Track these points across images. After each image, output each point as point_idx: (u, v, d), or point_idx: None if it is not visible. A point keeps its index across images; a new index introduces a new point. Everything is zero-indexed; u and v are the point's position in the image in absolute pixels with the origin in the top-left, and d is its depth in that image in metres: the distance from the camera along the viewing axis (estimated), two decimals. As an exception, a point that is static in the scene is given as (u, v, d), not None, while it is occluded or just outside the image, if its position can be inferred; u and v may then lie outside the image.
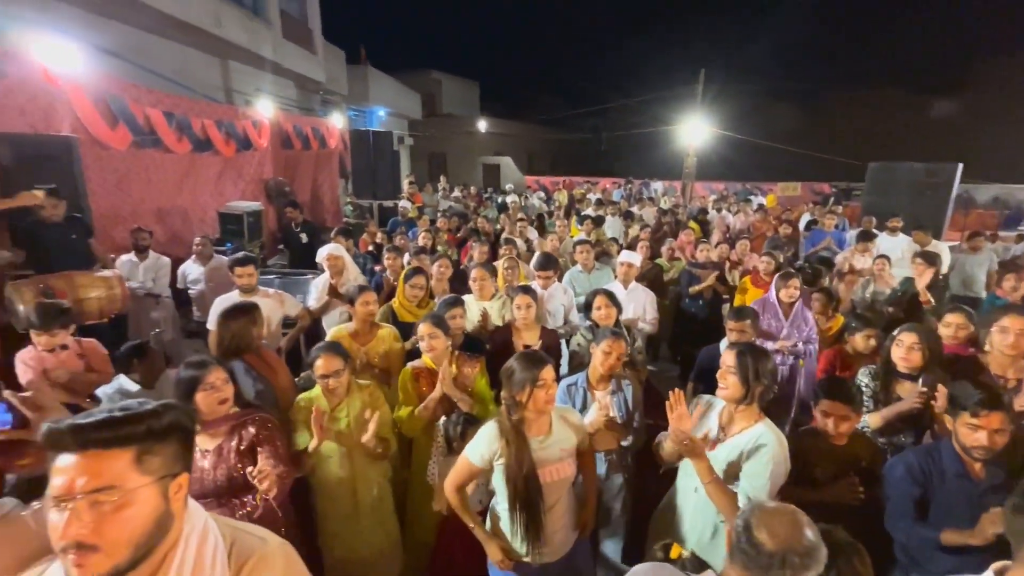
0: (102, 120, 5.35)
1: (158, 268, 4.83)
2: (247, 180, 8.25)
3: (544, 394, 1.86)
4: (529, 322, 3.08)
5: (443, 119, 24.77)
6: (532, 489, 1.87)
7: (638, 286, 3.84)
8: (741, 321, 2.98)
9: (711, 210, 10.29)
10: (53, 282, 3.57)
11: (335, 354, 2.35)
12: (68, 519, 0.86)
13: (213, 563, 0.99)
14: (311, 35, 11.86)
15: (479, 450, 1.95)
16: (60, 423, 0.90)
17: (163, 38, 7.45)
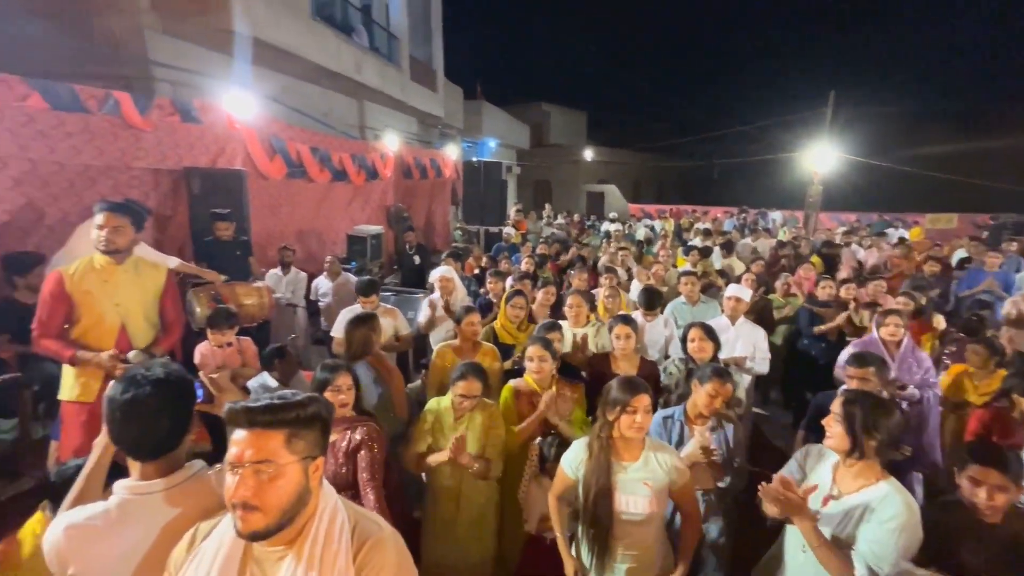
0: (265, 155, 6.33)
1: (297, 282, 5.55)
2: (372, 206, 9.18)
3: (631, 420, 1.87)
4: (628, 352, 3.06)
5: (549, 149, 25.43)
6: (601, 508, 1.88)
7: (747, 322, 3.63)
8: (863, 368, 2.64)
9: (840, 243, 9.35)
10: (221, 290, 4.27)
11: (478, 379, 2.47)
12: (238, 482, 1.07)
13: (340, 538, 1.14)
14: (434, 76, 12.99)
15: (570, 459, 2.04)
16: (237, 404, 1.13)
17: (313, 84, 8.65)
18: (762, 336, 3.54)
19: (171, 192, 5.40)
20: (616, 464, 1.92)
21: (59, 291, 2.55)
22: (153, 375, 1.33)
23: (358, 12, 9.72)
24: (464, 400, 2.46)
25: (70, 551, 1.22)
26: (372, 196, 9.15)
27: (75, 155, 4.45)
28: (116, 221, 2.58)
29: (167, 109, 5.10)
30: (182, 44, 6.25)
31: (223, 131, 5.78)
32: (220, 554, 1.13)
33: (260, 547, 1.13)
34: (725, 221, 14.19)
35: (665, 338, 3.75)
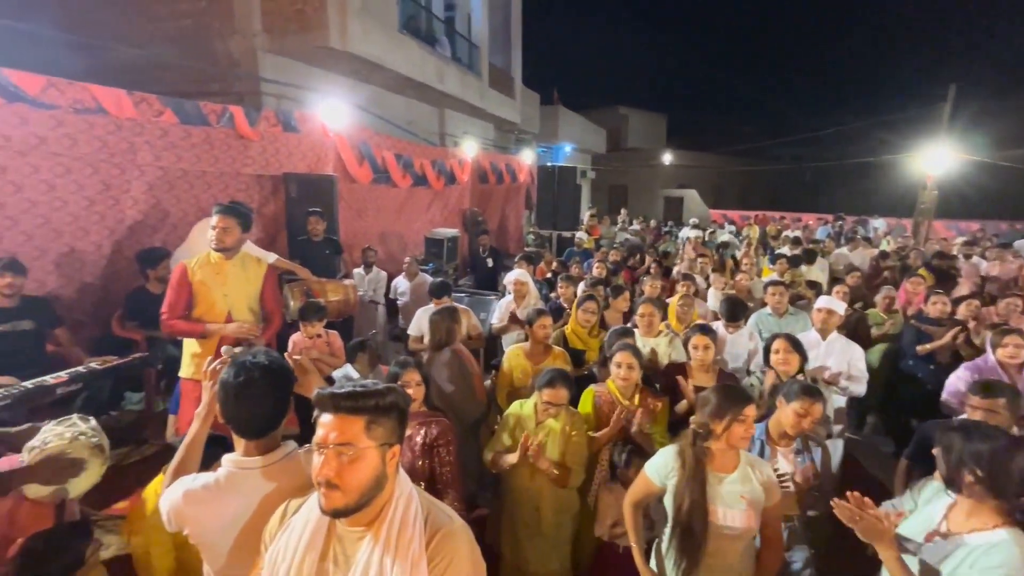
0: (354, 161, 6.77)
1: (378, 281, 5.87)
2: (449, 210, 9.50)
3: (743, 430, 1.82)
4: (706, 363, 2.94)
5: (626, 152, 24.96)
6: (696, 520, 1.82)
7: (840, 337, 3.35)
8: (990, 398, 2.32)
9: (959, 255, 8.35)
10: (312, 285, 4.62)
11: (565, 387, 2.49)
12: (322, 462, 1.15)
13: (414, 524, 1.20)
14: (512, 83, 13.22)
15: (657, 466, 1.99)
16: (325, 390, 1.22)
17: (398, 94, 9.12)
18: (859, 354, 3.25)
19: (271, 195, 5.93)
20: (712, 475, 1.87)
21: (183, 280, 2.94)
22: (261, 362, 1.47)
23: (441, 23, 10.12)
24: (549, 407, 2.47)
25: (186, 514, 1.37)
26: (450, 200, 9.47)
27: (196, 163, 5.02)
28: (226, 222, 2.93)
29: (271, 120, 5.61)
30: (285, 61, 6.85)
31: (318, 139, 6.26)
32: (307, 529, 1.22)
33: (342, 525, 1.21)
34: (818, 229, 13.14)
35: (749, 351, 3.56)
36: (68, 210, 4.20)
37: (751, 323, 4.06)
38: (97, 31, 6.85)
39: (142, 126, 4.45)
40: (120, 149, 4.35)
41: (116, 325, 4.08)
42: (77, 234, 4.29)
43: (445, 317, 3.20)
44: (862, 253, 8.36)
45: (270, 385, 1.45)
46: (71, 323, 3.91)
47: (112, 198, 4.47)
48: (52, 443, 2.06)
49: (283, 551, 1.23)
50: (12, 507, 1.95)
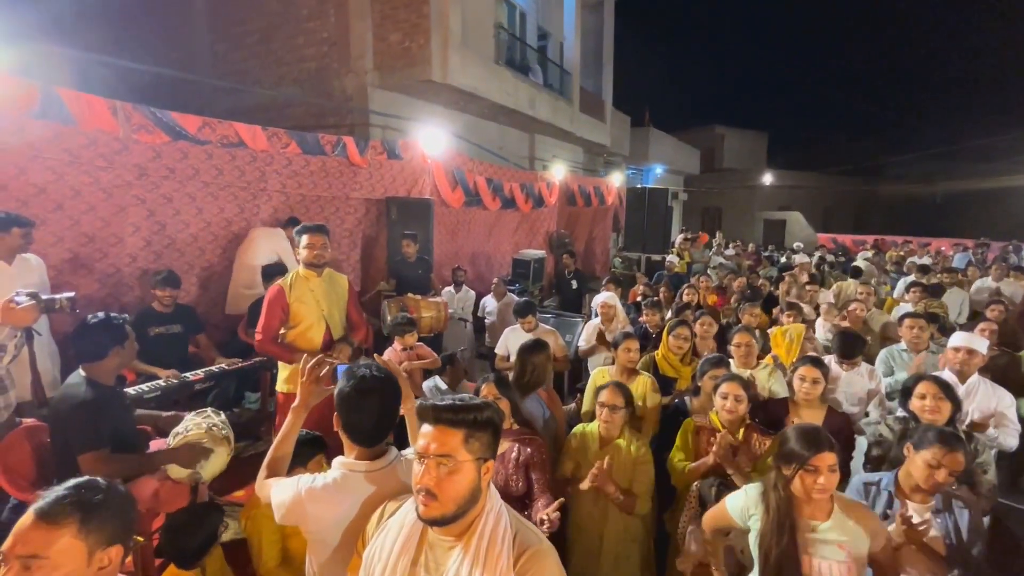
0: (448, 186, 7.19)
1: (467, 300, 6.13)
2: (536, 232, 9.69)
3: (813, 482, 1.68)
4: (813, 399, 2.73)
5: (721, 173, 23.95)
6: (788, 571, 1.68)
7: (985, 381, 2.94)
8: None
9: None
10: (408, 302, 4.95)
11: (620, 391, 2.56)
12: (423, 471, 1.22)
13: (503, 540, 1.23)
14: (603, 106, 13.31)
15: (738, 503, 1.89)
16: (428, 402, 1.30)
17: (491, 120, 9.57)
18: (1009, 401, 2.82)
19: (376, 218, 6.46)
20: (803, 522, 1.73)
21: (280, 300, 3.00)
22: (377, 375, 1.60)
23: (535, 51, 10.52)
24: (605, 410, 2.44)
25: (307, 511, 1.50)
26: (537, 222, 9.67)
27: (313, 188, 5.63)
28: (322, 240, 3.05)
29: (378, 149, 6.15)
30: (391, 95, 7.50)
31: (418, 165, 6.74)
32: (402, 533, 1.30)
33: (435, 534, 1.27)
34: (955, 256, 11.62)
35: (868, 391, 3.24)
36: (211, 230, 4.89)
37: (880, 359, 3.71)
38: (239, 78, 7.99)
39: (272, 156, 5.10)
40: (254, 178, 5.01)
41: (241, 331, 4.64)
42: (216, 251, 4.97)
43: (537, 353, 3.00)
44: (1013, 284, 7.27)
45: (385, 395, 1.58)
46: (208, 329, 4.52)
47: (245, 220, 5.14)
48: (192, 431, 2.41)
49: (379, 551, 1.31)
50: (158, 486, 2.30)
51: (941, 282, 6.48)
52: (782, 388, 3.08)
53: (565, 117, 10.92)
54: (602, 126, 13.00)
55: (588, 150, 13.42)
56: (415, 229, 5.94)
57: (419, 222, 6.14)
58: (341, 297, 3.22)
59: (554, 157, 11.12)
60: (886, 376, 3.49)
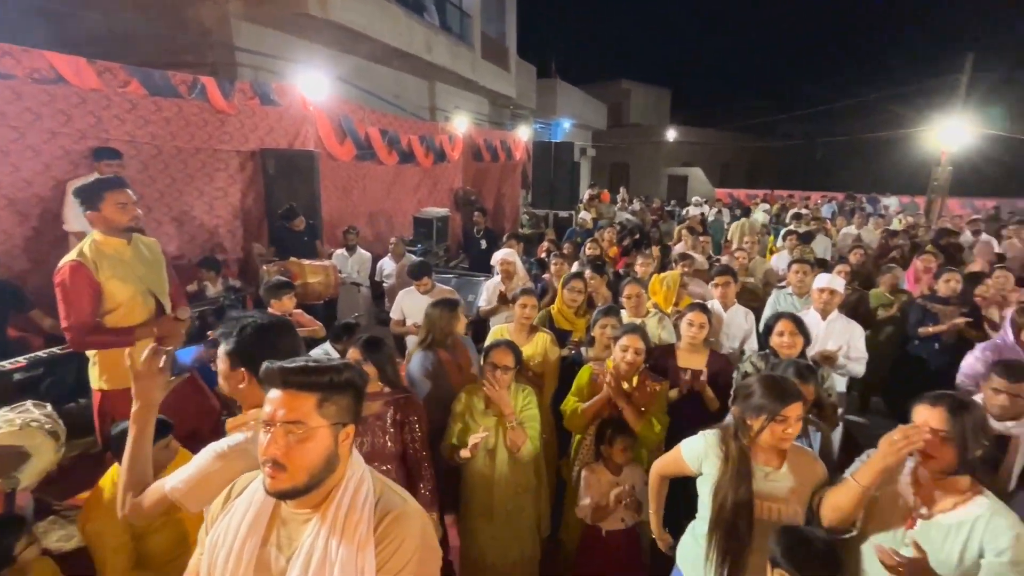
0: (334, 137, 6.69)
1: (361, 263, 5.85)
2: (440, 189, 9.42)
3: (783, 431, 1.73)
4: (697, 343, 2.93)
5: (628, 129, 24.71)
6: (741, 519, 1.75)
7: (841, 317, 3.34)
8: (1018, 382, 2.22)
9: (967, 232, 8.31)
10: (290, 267, 4.60)
11: (511, 351, 2.55)
12: (269, 440, 1.13)
13: (363, 507, 1.18)
14: (507, 54, 13.01)
15: (695, 448, 1.92)
16: (274, 364, 1.19)
17: (384, 65, 8.98)
18: (858, 333, 3.24)
19: (252, 174, 5.87)
20: (759, 470, 1.80)
21: (87, 279, 2.42)
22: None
23: (430, -11, 9.92)
24: (497, 371, 2.45)
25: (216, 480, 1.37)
26: (441, 179, 9.39)
27: (171, 139, 4.94)
28: (131, 196, 2.52)
29: (248, 93, 5.52)
30: (262, 30, 6.71)
31: (298, 113, 6.17)
32: (250, 511, 1.21)
33: (288, 508, 1.20)
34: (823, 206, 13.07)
35: (745, 331, 3.55)
36: (34, 191, 4.14)
37: (770, 302, 4.07)
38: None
39: (108, 99, 4.38)
40: (86, 125, 4.28)
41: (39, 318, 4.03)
42: (46, 217, 4.23)
43: (444, 309, 2.97)
44: (871, 231, 8.31)
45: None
46: (43, 307, 3.89)
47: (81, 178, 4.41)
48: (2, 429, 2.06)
49: (223, 536, 1.21)
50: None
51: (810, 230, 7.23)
52: (671, 335, 3.27)
53: (466, 64, 10.53)
54: (506, 75, 12.75)
55: (493, 101, 13.15)
56: (297, 185, 5.50)
57: (302, 177, 5.67)
58: (160, 262, 2.73)
59: (456, 108, 10.76)
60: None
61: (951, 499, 1.54)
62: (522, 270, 4.41)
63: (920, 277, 4.95)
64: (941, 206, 12.82)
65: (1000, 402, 2.21)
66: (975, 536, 1.48)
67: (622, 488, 2.37)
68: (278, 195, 5.49)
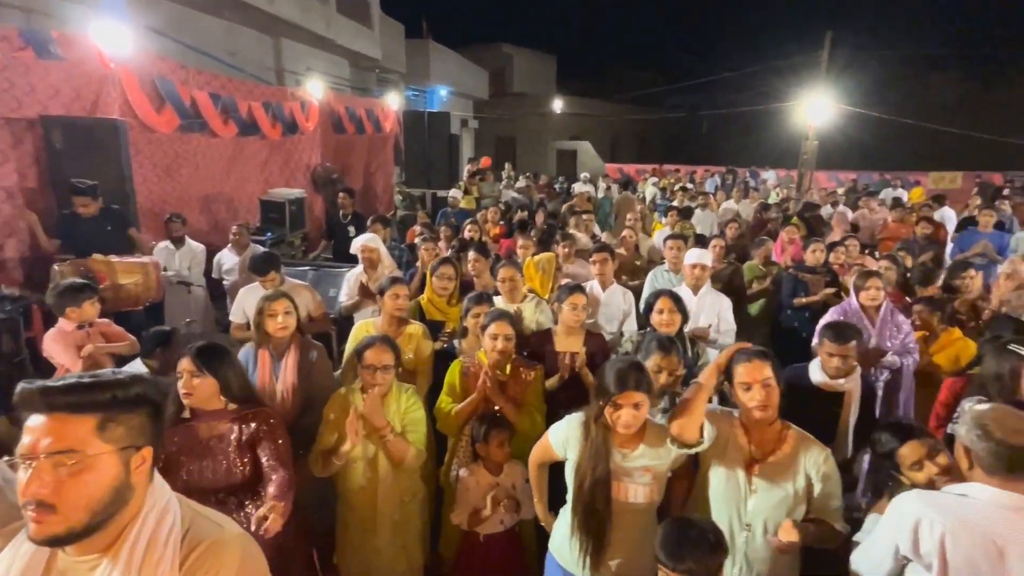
0: (149, 103, 6.01)
1: (193, 256, 5.37)
2: (294, 166, 8.90)
3: (626, 417, 1.91)
4: (574, 325, 3.10)
5: (513, 98, 25.15)
6: (599, 498, 1.94)
7: (711, 291, 3.74)
8: (844, 344, 2.58)
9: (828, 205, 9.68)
10: (94, 265, 4.09)
11: (387, 347, 2.50)
12: (30, 477, 1.02)
13: (167, 542, 1.11)
14: (368, 8, 12.58)
15: (559, 434, 2.11)
16: (32, 384, 1.07)
17: (213, 16, 8.24)
18: (727, 306, 3.65)
19: (30, 149, 5.07)
20: (616, 451, 1.99)
21: None
22: None
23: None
24: (377, 373, 2.42)
25: None
26: (293, 154, 8.86)
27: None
28: None
29: (15, 42, 4.75)
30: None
31: (95, 72, 5.44)
32: (15, 568, 1.08)
33: (67, 556, 1.09)
34: (706, 181, 14.44)
35: (624, 312, 3.82)
36: None
37: (648, 281, 4.37)
38: None
39: None
40: None
41: None
42: None
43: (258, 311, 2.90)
44: (748, 205, 9.34)
45: None
46: None
47: None
48: None
49: None
50: None
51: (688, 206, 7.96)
52: (548, 319, 3.43)
53: (318, 18, 10.02)
54: (368, 33, 12.34)
55: (355, 64, 12.69)
56: (99, 163, 4.87)
57: (104, 154, 5.04)
58: None
59: (309, 70, 10.24)
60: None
61: (775, 440, 1.97)
62: (388, 258, 4.34)
63: (785, 248, 5.67)
64: (810, 179, 14.76)
65: (834, 364, 2.62)
66: (799, 464, 1.94)
67: (495, 491, 2.46)
68: (71, 176, 4.81)
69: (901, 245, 5.66)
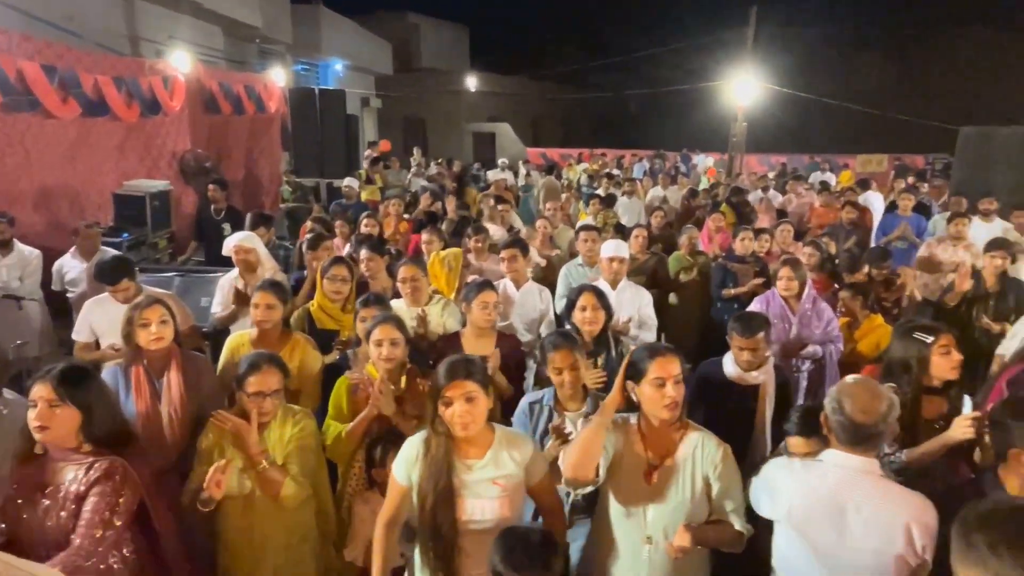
0: (-40, 76, 5.47)
1: (24, 264, 4.94)
2: (157, 154, 8.39)
3: (450, 414, 1.93)
4: (485, 326, 3.13)
5: (421, 75, 24.97)
6: (443, 518, 1.93)
7: (630, 285, 3.89)
8: (752, 336, 2.77)
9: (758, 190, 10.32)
10: None
11: (275, 368, 2.43)
12: None
13: None
14: (244, -33, 12.07)
15: (402, 460, 2.08)
16: None
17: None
18: (647, 300, 3.82)
19: None
20: (460, 464, 2.00)
21: None
22: None
23: None
24: (263, 400, 2.36)
25: None
26: (155, 138, 8.36)
27: None
28: None
29: None
30: None
31: None
32: None
33: None
34: (634, 166, 14.99)
35: (541, 311, 3.89)
36: None
37: (561, 276, 4.47)
38: None
39: None
40: None
41: None
42: None
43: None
44: (676, 192, 9.79)
45: None
46: None
47: None
48: None
49: None
50: None
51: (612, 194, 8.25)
52: (457, 322, 3.45)
53: (182, -23, 9.51)
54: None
55: (231, 32, 12.15)
56: None
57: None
58: None
59: (172, 39, 9.69)
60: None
61: (673, 442, 2.05)
62: (269, 259, 4.21)
63: (712, 237, 6.00)
64: (741, 163, 15.67)
65: (745, 357, 2.79)
66: (698, 462, 2.03)
67: None
68: None
69: (826, 231, 6.13)
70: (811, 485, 1.88)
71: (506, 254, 3.92)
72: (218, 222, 7.09)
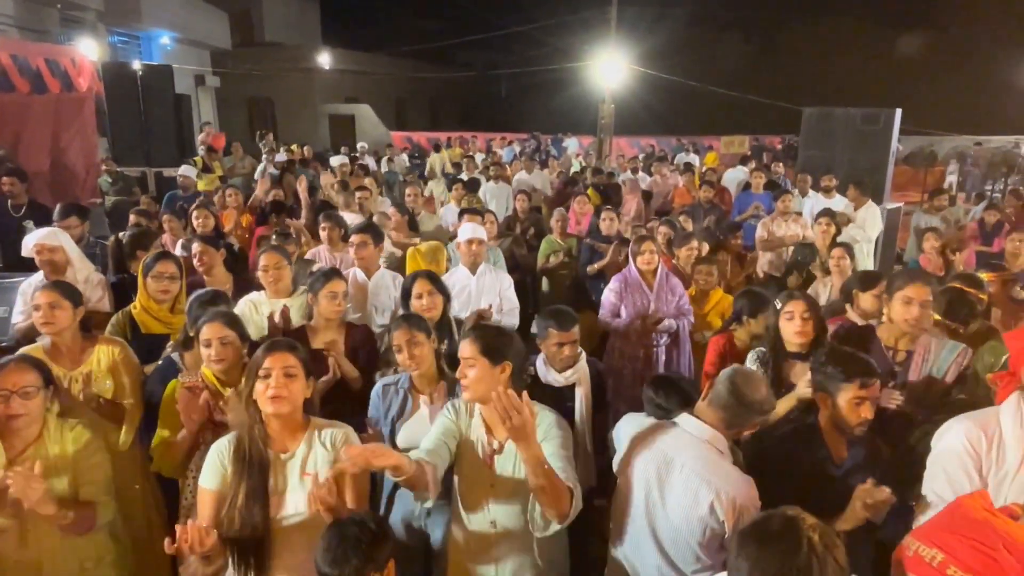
0: None
1: None
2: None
3: (273, 382, 1.94)
4: (334, 318, 3.17)
5: (266, 50, 23.96)
6: (254, 517, 1.93)
7: (489, 269, 4.06)
8: (569, 329, 2.84)
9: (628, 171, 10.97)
10: None
11: (26, 366, 2.28)
12: None
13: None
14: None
15: (208, 466, 2.04)
16: None
17: None
18: (508, 283, 4.01)
19: None
20: (275, 458, 2.01)
21: None
22: None
23: None
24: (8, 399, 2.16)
25: None
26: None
27: None
28: None
29: None
30: None
31: None
32: None
33: None
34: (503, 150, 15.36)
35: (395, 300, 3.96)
36: None
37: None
38: None
39: None
40: None
41: None
42: None
43: None
44: (545, 176, 10.17)
45: None
46: None
47: None
48: None
49: None
50: None
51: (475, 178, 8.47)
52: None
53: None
54: (42, -46, 10.78)
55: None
56: None
57: None
58: None
59: (-56, 1, 8.60)
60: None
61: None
62: (81, 259, 3.91)
63: (579, 220, 6.35)
64: (610, 145, 16.54)
65: (565, 353, 2.88)
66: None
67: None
68: None
69: (684, 209, 6.68)
70: (648, 441, 2.20)
71: (356, 239, 3.93)
72: (17, 219, 6.48)
